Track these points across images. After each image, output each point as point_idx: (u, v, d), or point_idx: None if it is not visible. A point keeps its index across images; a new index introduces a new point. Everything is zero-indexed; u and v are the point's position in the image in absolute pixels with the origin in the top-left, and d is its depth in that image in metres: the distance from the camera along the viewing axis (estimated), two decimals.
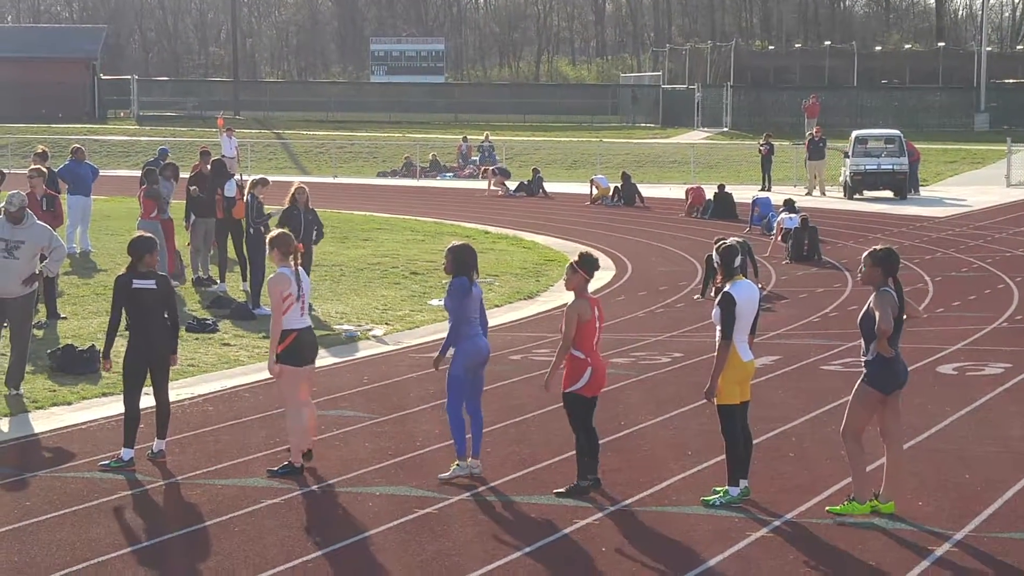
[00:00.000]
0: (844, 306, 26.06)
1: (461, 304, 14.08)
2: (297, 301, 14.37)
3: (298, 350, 14.38)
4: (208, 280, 28.17)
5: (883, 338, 12.32)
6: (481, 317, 14.40)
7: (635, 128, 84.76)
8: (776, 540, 12.06)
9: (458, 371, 14.15)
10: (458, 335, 14.10)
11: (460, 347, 14.13)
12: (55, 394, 18.27)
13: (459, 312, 14.09)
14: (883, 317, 12.27)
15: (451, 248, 14.35)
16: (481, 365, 14.30)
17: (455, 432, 14.17)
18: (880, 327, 12.27)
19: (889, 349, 12.41)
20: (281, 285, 14.32)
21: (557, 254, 34.91)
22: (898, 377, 12.61)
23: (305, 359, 14.50)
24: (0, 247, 17.93)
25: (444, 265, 14.43)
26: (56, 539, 12.29)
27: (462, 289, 14.08)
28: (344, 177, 62.77)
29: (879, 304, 12.35)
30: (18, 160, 51.79)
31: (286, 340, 14.31)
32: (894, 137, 50.72)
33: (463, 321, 14.09)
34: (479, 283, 14.42)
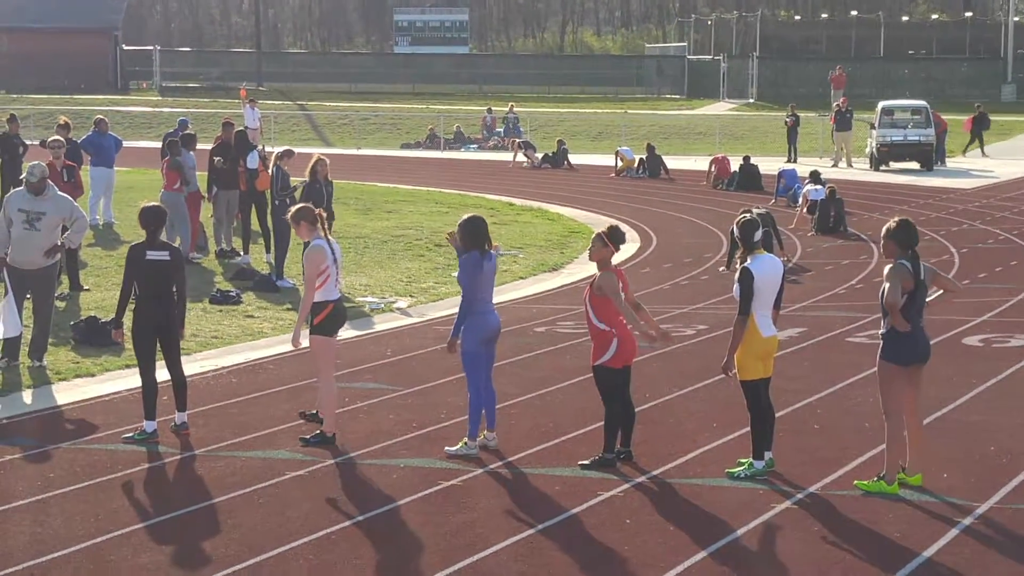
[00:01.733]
0: (870, 278, 25.96)
1: (474, 279, 13.99)
2: (334, 272, 14.38)
3: (333, 321, 14.40)
4: (231, 252, 28.15)
5: (893, 311, 12.21)
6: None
7: (660, 99, 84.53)
8: (800, 512, 12.02)
9: (472, 347, 14.01)
10: (471, 311, 14.00)
11: (469, 323, 13.96)
12: (78, 366, 18.28)
13: (472, 287, 14.01)
14: (891, 290, 12.17)
15: (461, 222, 14.21)
16: (492, 340, 14.20)
17: (473, 411, 14.09)
18: (887, 300, 12.18)
19: (904, 323, 12.29)
20: (318, 258, 14.29)
21: (582, 226, 34.83)
22: (916, 351, 12.45)
23: (336, 330, 14.53)
24: (21, 218, 17.91)
25: (454, 238, 14.29)
26: (79, 511, 12.29)
27: (474, 264, 13.98)
28: (367, 149, 62.73)
29: (890, 277, 12.25)
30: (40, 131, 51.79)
31: (324, 311, 14.30)
32: (921, 108, 50.51)
33: (475, 297, 14.00)
34: (496, 254, 14.29)
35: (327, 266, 14.29)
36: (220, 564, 10.87)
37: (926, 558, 10.82)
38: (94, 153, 32.03)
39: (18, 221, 17.88)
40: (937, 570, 10.60)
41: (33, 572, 10.73)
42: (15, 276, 17.84)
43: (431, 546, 11.26)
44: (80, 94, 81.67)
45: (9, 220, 17.96)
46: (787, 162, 49.42)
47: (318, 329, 14.33)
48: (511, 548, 11.20)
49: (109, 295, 23.35)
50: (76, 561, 10.97)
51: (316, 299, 14.28)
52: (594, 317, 13.41)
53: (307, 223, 14.59)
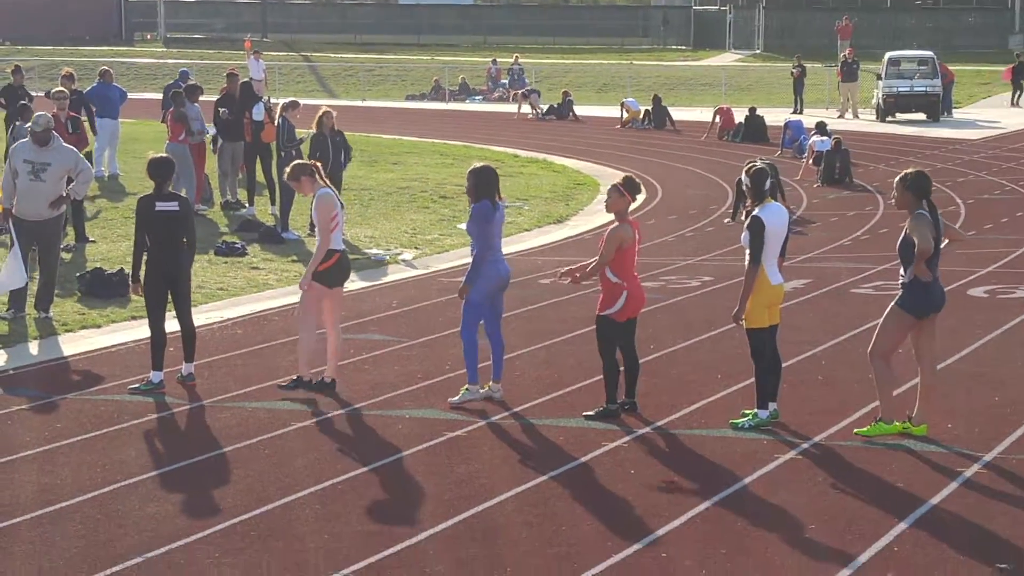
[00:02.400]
0: (875, 229, 25.94)
1: (484, 229, 13.99)
2: (341, 222, 14.50)
3: (337, 271, 14.43)
4: (236, 204, 28.15)
5: (921, 260, 12.21)
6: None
7: (666, 50, 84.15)
8: (804, 462, 12.05)
9: (476, 296, 14.01)
10: (483, 260, 14.01)
11: (482, 271, 13.98)
12: (84, 317, 18.32)
13: (483, 237, 14.01)
14: (922, 238, 12.15)
15: (472, 171, 14.21)
16: (501, 290, 14.21)
17: (468, 357, 14.10)
18: (920, 248, 12.15)
19: (927, 272, 12.30)
20: (328, 205, 14.35)
21: (587, 178, 34.80)
22: (934, 301, 12.50)
23: (339, 280, 14.55)
24: (27, 169, 17.91)
25: (466, 188, 14.31)
26: (86, 461, 12.34)
27: (485, 213, 13.98)
28: (372, 100, 62.60)
29: (916, 227, 12.23)
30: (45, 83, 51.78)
31: (330, 260, 14.34)
32: (927, 59, 50.32)
33: (486, 246, 14.00)
34: (503, 205, 14.29)
35: (336, 213, 14.37)
36: (227, 514, 10.91)
37: (931, 506, 10.85)
38: (99, 104, 31.95)
39: (23, 172, 17.88)
40: (941, 518, 10.63)
41: (41, 521, 10.79)
42: (21, 227, 17.84)
43: (436, 496, 11.30)
44: (85, 45, 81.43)
45: (15, 171, 17.95)
46: (793, 113, 49.26)
47: (319, 276, 14.38)
48: (515, 498, 11.24)
49: (115, 247, 23.39)
50: (84, 511, 11.01)
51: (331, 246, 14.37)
52: (608, 269, 13.41)
53: (307, 178, 14.60)
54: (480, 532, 10.48)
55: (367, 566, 9.80)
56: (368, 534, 10.46)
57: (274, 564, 9.86)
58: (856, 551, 9.90)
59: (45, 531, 10.59)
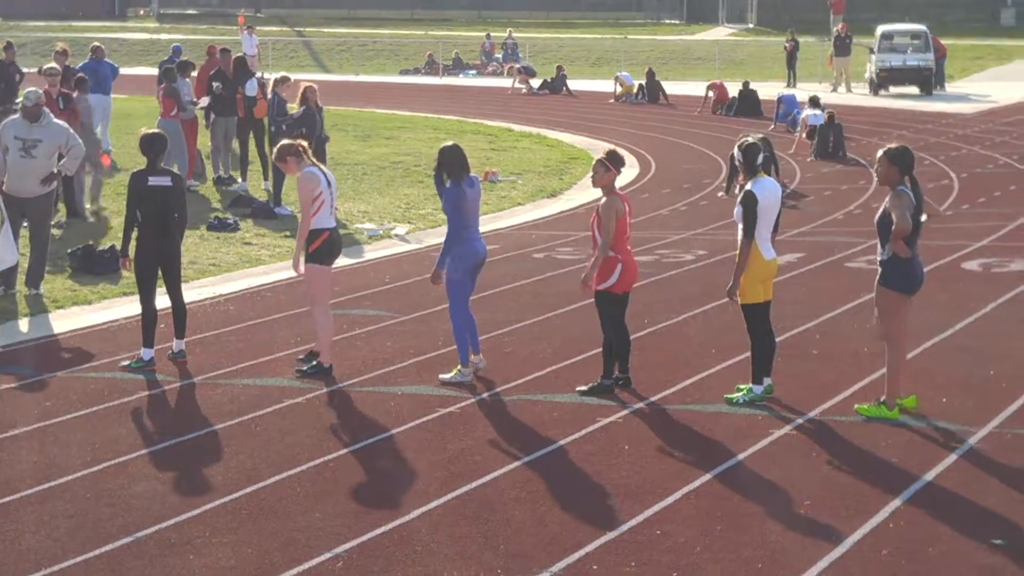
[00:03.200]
0: (868, 203, 25.89)
1: (458, 208, 13.90)
2: (329, 200, 14.29)
3: (329, 249, 14.32)
4: (229, 179, 28.07)
5: (898, 238, 12.14)
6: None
7: (659, 24, 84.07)
8: (799, 438, 12.01)
9: (458, 274, 13.93)
10: (457, 240, 13.91)
11: (457, 252, 13.88)
12: (75, 294, 18.25)
13: (457, 216, 13.93)
14: (900, 217, 12.08)
15: (440, 150, 14.08)
16: (477, 268, 14.15)
17: (459, 338, 14.03)
18: (897, 227, 12.08)
19: (906, 249, 12.21)
20: (311, 184, 14.20)
21: (581, 152, 34.73)
22: (916, 277, 12.40)
23: (331, 258, 14.45)
24: (17, 146, 17.83)
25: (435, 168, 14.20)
26: (77, 439, 12.28)
27: (454, 196, 13.86)
28: (366, 75, 62.46)
29: (895, 204, 12.15)
30: (37, 59, 51.56)
31: (319, 239, 14.21)
32: (920, 33, 50.25)
33: (462, 226, 13.92)
34: (476, 180, 14.17)
35: (320, 191, 14.19)
36: (218, 492, 10.86)
37: (926, 482, 10.81)
38: (91, 80, 31.78)
39: (14, 149, 17.81)
40: (936, 493, 10.59)
41: (31, 501, 10.73)
42: (12, 204, 17.76)
43: (429, 473, 11.25)
44: (78, 21, 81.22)
45: (5, 148, 17.88)
46: (786, 87, 49.21)
47: (313, 257, 14.26)
48: (509, 475, 11.19)
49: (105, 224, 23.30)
50: (74, 489, 10.96)
51: (312, 226, 14.20)
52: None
53: (293, 157, 14.44)
54: (473, 509, 10.43)
55: (359, 544, 9.76)
56: (361, 512, 10.41)
57: (266, 542, 9.81)
58: (851, 527, 9.87)
59: (35, 510, 10.53)
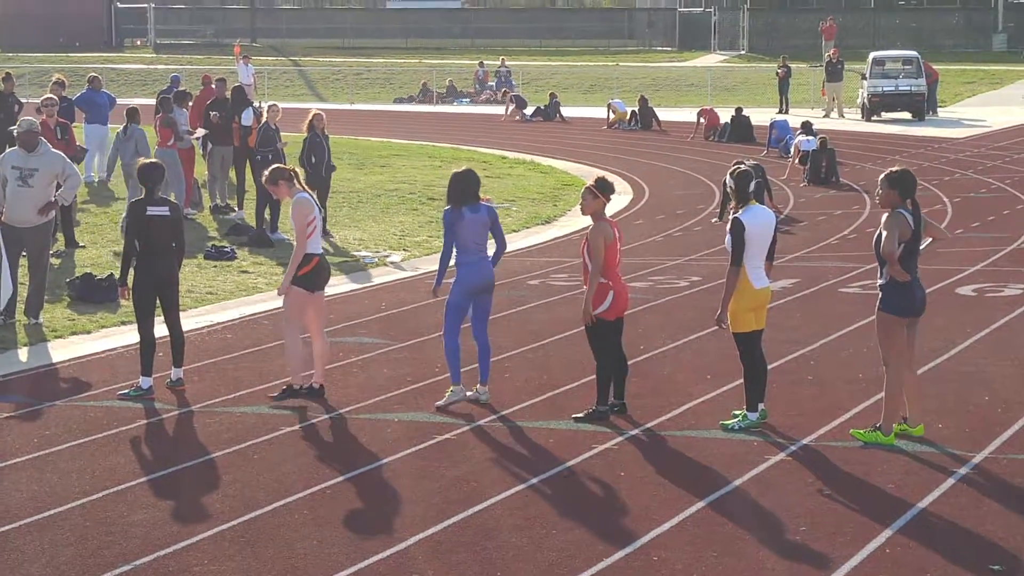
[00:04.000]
0: (862, 228, 25.96)
1: (450, 231, 14.05)
2: (319, 226, 14.46)
3: (316, 275, 14.41)
4: (226, 208, 28.14)
5: (891, 262, 12.19)
6: (498, 239, 14.34)
7: (651, 52, 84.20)
8: (794, 464, 12.05)
9: (456, 298, 14.07)
10: (448, 262, 14.09)
11: (459, 274, 14.07)
12: (74, 323, 18.29)
13: (450, 240, 14.08)
14: (887, 240, 12.12)
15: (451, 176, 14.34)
16: (484, 291, 14.20)
17: (449, 358, 14.13)
18: (884, 250, 12.12)
19: (903, 273, 12.25)
20: (306, 209, 14.32)
21: (574, 179, 34.81)
22: (914, 303, 12.43)
23: (319, 284, 14.52)
24: (15, 175, 17.90)
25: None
26: (75, 467, 12.32)
27: (447, 219, 14.07)
28: (361, 103, 62.55)
29: (888, 226, 12.20)
30: (36, 89, 51.65)
31: (310, 264, 14.32)
32: (912, 58, 50.35)
33: (459, 249, 14.04)
34: (489, 206, 14.32)
35: (314, 217, 14.34)
36: (216, 520, 10.90)
37: (921, 508, 10.85)
38: (88, 110, 31.94)
39: (12, 178, 17.88)
40: (932, 520, 10.63)
41: (31, 529, 10.76)
42: (10, 234, 17.82)
43: (426, 500, 11.29)
44: (75, 52, 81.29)
45: (3, 178, 17.94)
46: (779, 113, 49.32)
47: (299, 280, 14.37)
48: (506, 501, 11.23)
49: (104, 252, 23.37)
50: (72, 518, 10.99)
51: (308, 250, 14.34)
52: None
53: (284, 182, 14.54)
54: (470, 536, 10.47)
55: (357, 571, 9.80)
56: (358, 539, 10.46)
57: (264, 570, 9.85)
58: (847, 553, 9.90)
59: (34, 539, 10.56)
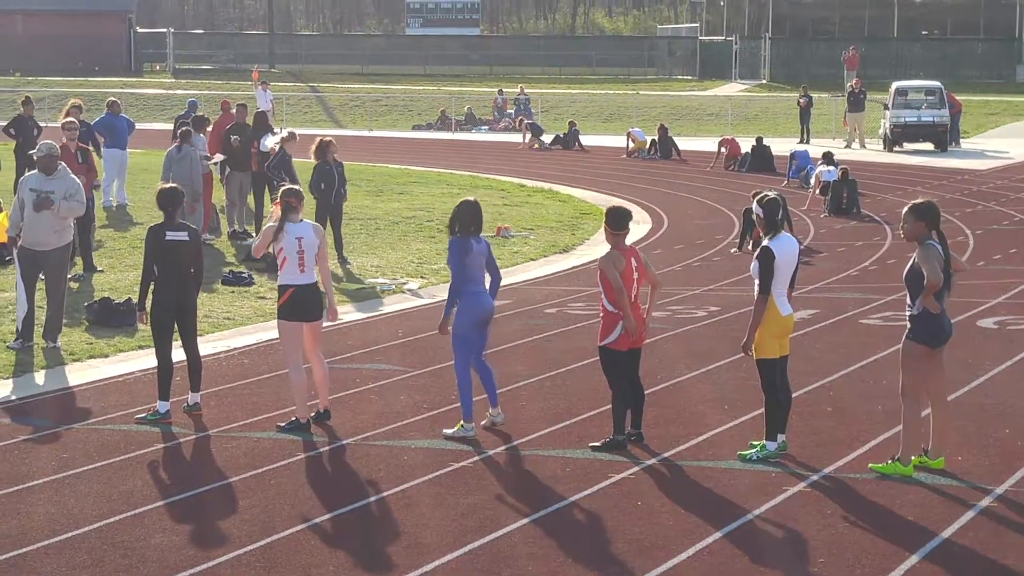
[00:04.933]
0: (883, 260, 25.90)
1: (461, 261, 13.99)
2: (290, 256, 14.12)
3: (292, 306, 14.22)
4: (243, 234, 28.15)
5: (931, 292, 12.15)
6: (493, 272, 14.29)
7: (672, 80, 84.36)
8: (814, 495, 11.99)
9: (462, 330, 14.03)
10: (458, 293, 14.01)
11: (462, 305, 14.01)
12: (92, 347, 18.30)
13: (460, 271, 14.02)
14: (931, 271, 12.08)
15: (456, 206, 14.26)
16: (485, 323, 14.18)
17: (463, 392, 14.04)
18: (929, 281, 12.08)
19: (936, 304, 12.22)
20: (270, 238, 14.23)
21: (592, 207, 34.77)
22: (943, 331, 12.41)
23: (300, 315, 14.28)
24: (32, 198, 17.89)
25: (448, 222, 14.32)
26: (92, 491, 12.30)
27: (461, 247, 13.99)
28: (379, 130, 62.68)
29: (925, 258, 12.16)
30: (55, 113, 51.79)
31: (283, 295, 14.23)
32: (935, 89, 50.32)
33: (465, 279, 14.00)
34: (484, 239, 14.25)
35: (281, 247, 14.11)
36: (233, 544, 10.87)
37: (941, 540, 10.79)
38: (107, 135, 32.02)
39: (29, 201, 17.88)
40: (952, 552, 10.57)
41: (48, 552, 10.74)
42: (29, 258, 17.85)
43: (442, 527, 11.25)
44: (94, 76, 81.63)
45: (22, 202, 17.96)
46: (800, 143, 49.29)
47: (279, 312, 14.37)
48: (522, 530, 11.19)
49: (123, 276, 23.38)
50: (90, 541, 10.97)
51: (280, 281, 14.28)
52: (604, 299, 13.39)
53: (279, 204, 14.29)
54: (486, 563, 10.43)
55: None
56: (373, 565, 10.42)
57: None
58: None
59: (51, 561, 10.54)
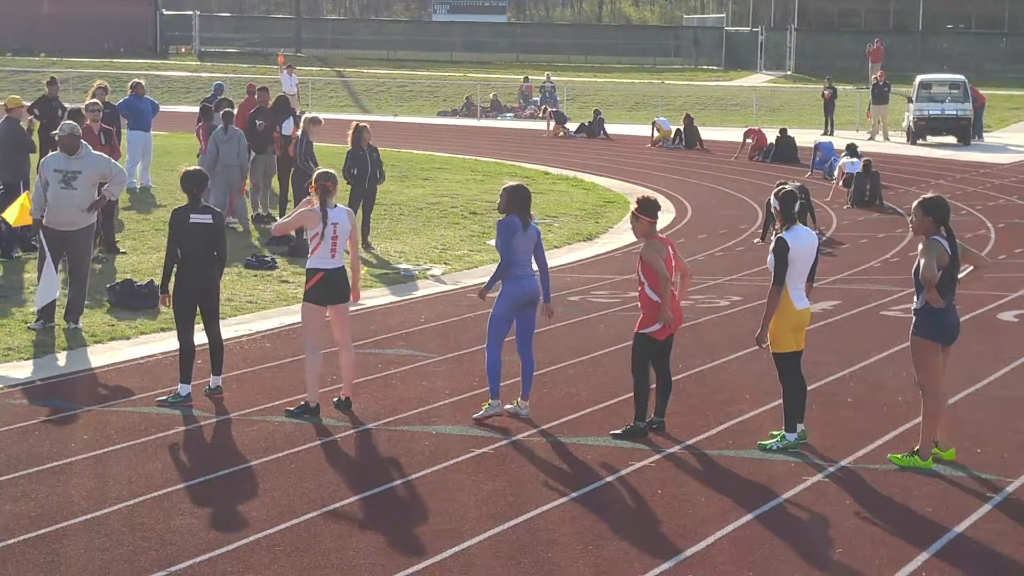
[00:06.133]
0: (905, 252, 25.87)
1: (509, 242, 14.02)
2: (324, 240, 14.17)
3: (320, 289, 14.24)
4: (267, 217, 28.20)
5: (929, 288, 12.15)
6: (540, 259, 14.28)
7: (697, 70, 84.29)
8: (832, 486, 12.00)
9: (501, 311, 14.08)
10: (507, 272, 14.05)
11: (505, 287, 14.08)
12: (113, 329, 18.36)
13: (508, 250, 14.03)
14: (926, 266, 12.09)
15: (505, 188, 14.32)
16: (529, 305, 14.17)
17: (491, 371, 14.11)
18: (924, 276, 12.10)
19: (939, 299, 12.21)
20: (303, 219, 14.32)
21: (617, 196, 34.78)
22: (950, 329, 12.38)
23: (327, 298, 14.31)
24: (57, 179, 17.95)
25: (498, 204, 14.36)
26: (113, 472, 12.36)
27: (510, 227, 14.04)
28: (404, 116, 62.70)
29: (926, 253, 12.18)
30: (79, 95, 51.91)
31: (312, 278, 14.23)
32: (959, 82, 50.23)
33: (511, 262, 14.03)
34: (536, 224, 14.35)
35: (316, 232, 14.16)
36: (254, 528, 10.91)
37: (958, 533, 10.80)
38: (131, 117, 32.07)
39: (54, 182, 17.94)
40: (969, 545, 10.58)
41: (67, 533, 10.80)
42: (52, 238, 17.91)
43: (463, 513, 11.28)
44: (120, 58, 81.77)
45: (45, 182, 18.01)
46: (824, 135, 49.23)
47: (305, 295, 14.39)
48: (542, 516, 11.22)
49: (145, 258, 23.45)
50: (110, 523, 11.02)
51: (308, 265, 14.30)
52: (648, 288, 13.39)
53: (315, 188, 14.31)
54: (507, 550, 10.46)
55: None
56: (394, 550, 10.45)
57: None
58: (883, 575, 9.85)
59: (71, 542, 10.60)
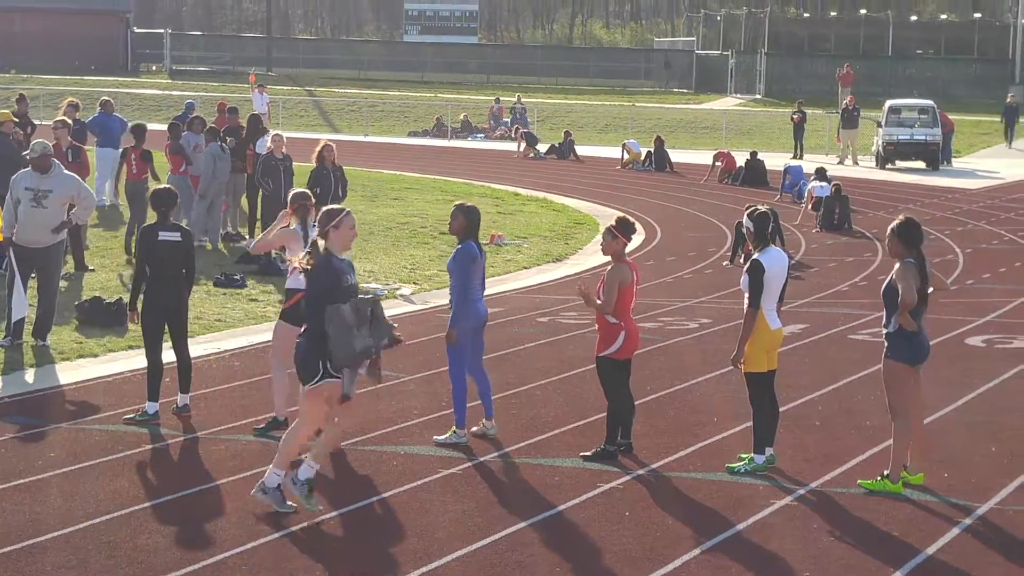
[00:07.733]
0: (873, 276, 25.94)
1: (468, 269, 13.91)
2: None
3: (298, 311, 14.15)
4: (237, 236, 28.15)
5: (905, 311, 12.19)
6: (481, 279, 14.25)
7: (668, 93, 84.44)
8: (800, 508, 12.01)
9: (459, 335, 13.97)
10: (465, 301, 13.93)
11: (461, 313, 13.92)
12: (81, 346, 18.29)
13: (467, 277, 13.93)
14: (906, 290, 12.14)
15: (460, 208, 14.09)
16: (479, 328, 14.16)
17: (457, 400, 13.99)
18: (903, 300, 12.14)
19: (911, 322, 12.26)
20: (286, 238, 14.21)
21: (587, 217, 34.83)
22: (921, 351, 12.45)
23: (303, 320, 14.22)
24: (28, 197, 17.93)
25: (450, 226, 14.22)
26: (79, 490, 12.30)
27: (469, 254, 13.89)
28: (375, 136, 62.68)
29: (902, 276, 12.22)
30: (50, 112, 51.78)
31: (291, 298, 14.13)
32: (927, 107, 50.48)
33: (469, 287, 13.94)
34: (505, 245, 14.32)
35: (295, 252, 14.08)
36: (222, 546, 10.87)
37: (926, 556, 10.81)
38: (100, 134, 32.00)
39: (25, 199, 17.91)
40: (937, 568, 10.59)
41: (32, 551, 10.74)
42: (21, 255, 17.85)
43: (428, 535, 11.25)
44: (90, 75, 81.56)
45: (16, 200, 17.98)
46: (793, 158, 49.37)
47: (282, 314, 14.32)
48: (509, 538, 11.19)
49: (113, 276, 23.39)
50: (75, 541, 10.97)
51: (288, 285, 14.25)
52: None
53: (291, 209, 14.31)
54: (472, 571, 10.43)
55: None
56: (360, 571, 10.42)
57: None
58: None
59: (36, 561, 10.54)
